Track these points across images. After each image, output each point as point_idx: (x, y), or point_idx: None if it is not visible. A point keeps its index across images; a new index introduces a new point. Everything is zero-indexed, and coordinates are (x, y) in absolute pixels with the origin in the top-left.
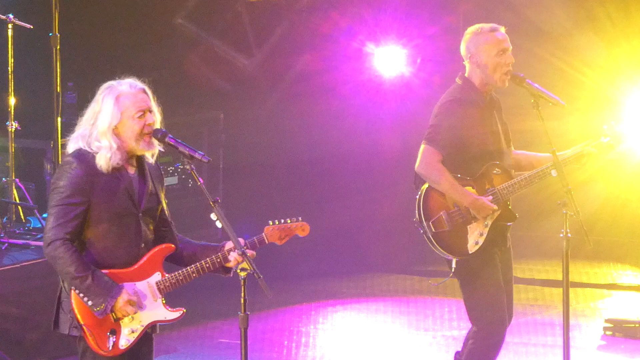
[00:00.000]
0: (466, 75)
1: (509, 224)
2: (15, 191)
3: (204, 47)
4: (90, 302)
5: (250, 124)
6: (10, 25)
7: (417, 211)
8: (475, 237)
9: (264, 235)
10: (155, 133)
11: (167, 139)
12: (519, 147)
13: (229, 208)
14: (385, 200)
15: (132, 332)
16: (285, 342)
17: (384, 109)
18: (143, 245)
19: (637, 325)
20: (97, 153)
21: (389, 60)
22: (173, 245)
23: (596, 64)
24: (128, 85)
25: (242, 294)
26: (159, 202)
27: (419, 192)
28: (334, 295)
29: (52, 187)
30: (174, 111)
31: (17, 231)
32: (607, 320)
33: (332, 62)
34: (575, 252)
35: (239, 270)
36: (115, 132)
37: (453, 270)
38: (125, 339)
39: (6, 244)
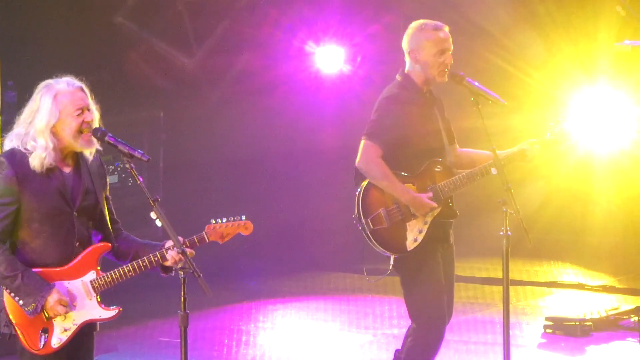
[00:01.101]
0: (406, 71)
1: (450, 221)
2: None
3: (144, 46)
4: (21, 302)
5: (190, 123)
6: None
7: (356, 207)
8: (414, 235)
9: (205, 234)
10: (94, 132)
11: (106, 138)
12: (460, 146)
13: (169, 207)
14: (326, 198)
15: (65, 330)
16: (226, 341)
17: (325, 107)
18: (77, 244)
19: (577, 323)
20: (31, 153)
21: (330, 58)
22: (109, 244)
23: (538, 62)
24: (66, 84)
25: (182, 292)
26: (97, 200)
27: (359, 189)
28: (275, 294)
29: None
30: (114, 110)
31: None
32: (547, 319)
33: (272, 61)
34: (515, 250)
35: (179, 269)
36: (53, 131)
37: (391, 267)
38: (58, 338)
39: None
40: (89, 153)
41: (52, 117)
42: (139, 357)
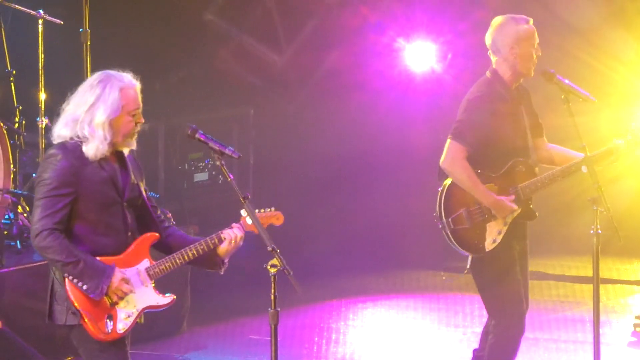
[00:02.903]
0: (494, 67)
1: (528, 221)
2: None
3: (233, 43)
4: (85, 287)
5: (280, 120)
6: (40, 21)
7: (437, 206)
8: (493, 236)
9: (242, 224)
10: (185, 129)
11: (197, 135)
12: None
13: (259, 204)
14: (417, 196)
15: (128, 316)
16: (316, 339)
17: (415, 105)
18: (130, 234)
19: None
20: (84, 141)
21: (420, 55)
22: (157, 234)
23: (627, 60)
24: (130, 80)
25: (272, 290)
26: (140, 193)
27: (441, 187)
28: (364, 291)
29: (37, 180)
30: (205, 107)
31: None
32: (637, 317)
33: (362, 58)
34: (605, 249)
35: (269, 267)
36: (110, 124)
37: (469, 266)
38: (123, 323)
39: None
40: (127, 151)
41: (115, 111)
42: (229, 354)
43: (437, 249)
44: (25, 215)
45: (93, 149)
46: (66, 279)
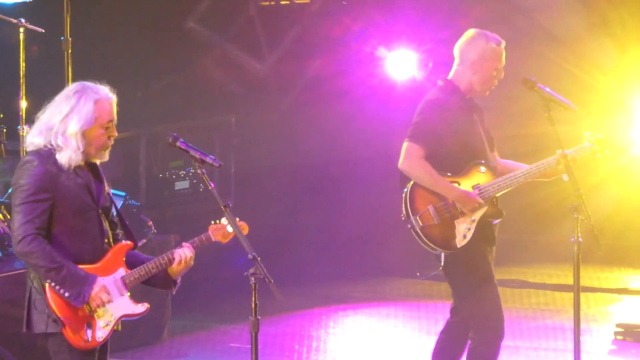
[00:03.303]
0: (451, 77)
1: (495, 221)
2: None
3: (216, 51)
4: (67, 294)
5: (262, 128)
6: (21, 29)
7: (404, 207)
8: (463, 232)
9: (210, 234)
10: (166, 137)
11: (178, 143)
12: (531, 152)
13: (241, 212)
14: (398, 203)
15: (106, 324)
16: (296, 347)
17: (397, 113)
18: (106, 240)
19: None
20: (58, 150)
21: (401, 64)
22: (132, 242)
23: (608, 69)
24: (106, 93)
25: (253, 298)
26: (112, 202)
27: (405, 189)
28: (345, 299)
29: (14, 186)
30: (186, 115)
31: None
32: (618, 325)
33: (344, 66)
34: (586, 257)
35: (249, 275)
36: (82, 135)
37: (442, 265)
38: (102, 331)
39: None
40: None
41: (87, 123)
42: None
43: (419, 257)
44: (5, 223)
45: (66, 157)
46: (47, 287)
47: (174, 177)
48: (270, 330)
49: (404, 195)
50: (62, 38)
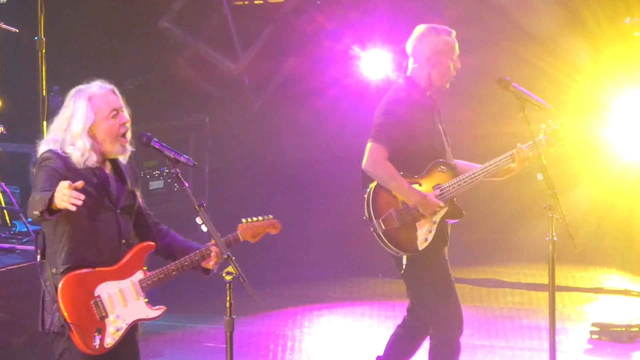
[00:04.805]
0: (409, 74)
1: (453, 221)
2: (0, 195)
3: (189, 51)
4: (36, 212)
5: (236, 128)
6: None
7: (366, 209)
8: (424, 234)
9: (238, 233)
10: (140, 137)
11: (152, 143)
12: (506, 151)
13: (215, 212)
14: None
15: (117, 330)
16: (271, 346)
17: (371, 113)
18: (124, 241)
19: (623, 329)
20: (70, 155)
21: (375, 63)
22: (154, 243)
23: (583, 68)
24: (98, 87)
25: (228, 297)
26: (136, 199)
27: (368, 190)
28: (320, 299)
29: (33, 183)
30: (160, 115)
31: (3, 235)
32: (593, 324)
33: (318, 65)
34: (561, 256)
35: (224, 274)
36: (91, 134)
37: (404, 267)
38: (111, 337)
39: None
40: (123, 159)
41: (88, 120)
42: None
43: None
44: None
45: (77, 156)
46: (58, 291)
47: (148, 176)
48: (245, 329)
49: (366, 196)
50: (36, 38)
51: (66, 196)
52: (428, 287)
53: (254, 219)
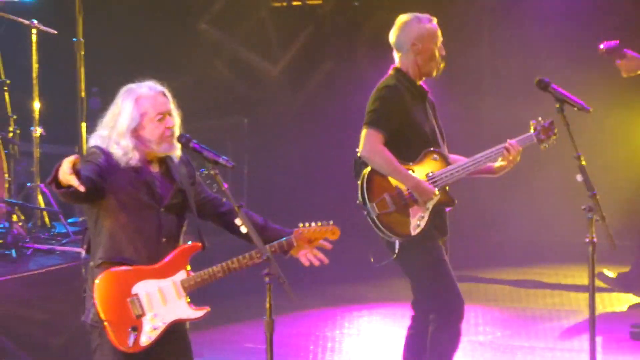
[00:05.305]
0: (398, 65)
1: (447, 209)
2: (40, 196)
3: (227, 53)
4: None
5: (274, 129)
6: (34, 31)
7: (360, 193)
8: (417, 220)
9: (293, 239)
10: (179, 138)
11: (191, 144)
12: (543, 152)
13: (255, 211)
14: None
15: (154, 329)
16: (311, 347)
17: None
18: (165, 239)
19: None
20: (115, 154)
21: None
22: (199, 244)
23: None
24: (147, 88)
25: (268, 299)
26: (186, 198)
27: (362, 176)
28: (359, 300)
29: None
30: (198, 116)
31: (42, 236)
32: (633, 326)
33: (355, 66)
34: (601, 257)
35: (264, 275)
36: (135, 135)
37: (397, 252)
38: (147, 336)
39: (31, 249)
40: (175, 156)
41: (133, 121)
42: None
43: None
44: (20, 224)
45: (119, 155)
46: (94, 288)
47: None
48: (284, 330)
49: (360, 182)
50: (74, 39)
51: (65, 172)
52: (425, 271)
53: (312, 224)
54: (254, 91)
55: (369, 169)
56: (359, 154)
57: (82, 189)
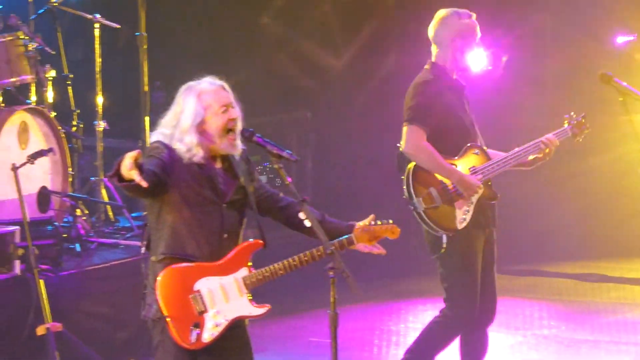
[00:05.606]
0: (433, 60)
1: (492, 202)
2: (104, 191)
3: (291, 47)
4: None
5: (338, 123)
6: (97, 25)
7: (406, 188)
8: (462, 214)
9: (353, 237)
10: (243, 132)
11: (254, 138)
12: (606, 144)
13: (318, 207)
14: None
15: (216, 326)
16: (376, 341)
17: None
18: (226, 235)
19: None
20: (179, 150)
21: (476, 58)
22: (261, 242)
23: None
24: (208, 83)
25: (332, 292)
26: (246, 195)
27: (406, 171)
28: (423, 293)
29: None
30: (262, 111)
31: (106, 230)
32: None
33: (420, 60)
34: None
35: (328, 269)
36: (199, 130)
37: (444, 246)
38: (209, 333)
39: (95, 244)
40: (236, 155)
41: (198, 116)
42: (289, 357)
43: (499, 252)
44: (84, 218)
45: (183, 152)
46: (157, 282)
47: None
48: (348, 324)
49: (405, 177)
50: (137, 34)
51: (127, 167)
52: (459, 271)
53: (372, 223)
54: (317, 85)
55: (413, 164)
56: (401, 149)
57: (144, 184)
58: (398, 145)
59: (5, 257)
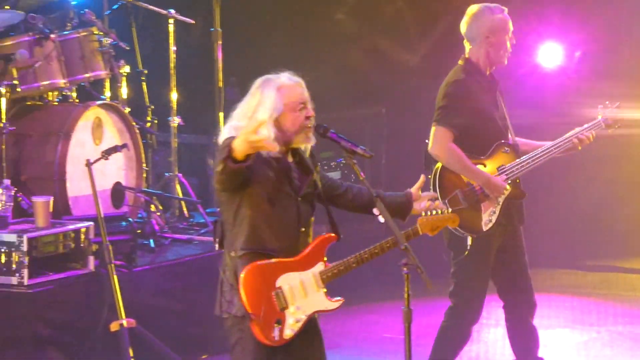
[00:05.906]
0: (467, 55)
1: (520, 201)
2: (178, 186)
3: (365, 42)
4: (219, 166)
5: (413, 119)
6: (171, 21)
7: (432, 190)
8: (488, 215)
9: (418, 227)
10: (317, 128)
11: (328, 134)
12: None
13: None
14: (547, 193)
15: (297, 322)
16: None
17: (545, 102)
18: (303, 229)
19: None
20: None
21: (550, 53)
22: (335, 235)
23: None
24: (287, 78)
25: (406, 288)
26: (317, 187)
27: (433, 171)
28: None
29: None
30: (336, 106)
31: (181, 226)
32: None
33: None
34: None
35: (402, 265)
36: (276, 124)
37: (469, 248)
38: (290, 329)
39: (169, 239)
40: (304, 148)
41: (276, 110)
42: (363, 353)
43: (572, 247)
44: (158, 214)
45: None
46: (240, 280)
47: (325, 167)
48: (422, 320)
49: (432, 177)
50: (212, 29)
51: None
52: (475, 273)
53: (434, 212)
54: (392, 81)
55: (440, 165)
56: (429, 148)
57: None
58: (427, 141)
59: (80, 253)
